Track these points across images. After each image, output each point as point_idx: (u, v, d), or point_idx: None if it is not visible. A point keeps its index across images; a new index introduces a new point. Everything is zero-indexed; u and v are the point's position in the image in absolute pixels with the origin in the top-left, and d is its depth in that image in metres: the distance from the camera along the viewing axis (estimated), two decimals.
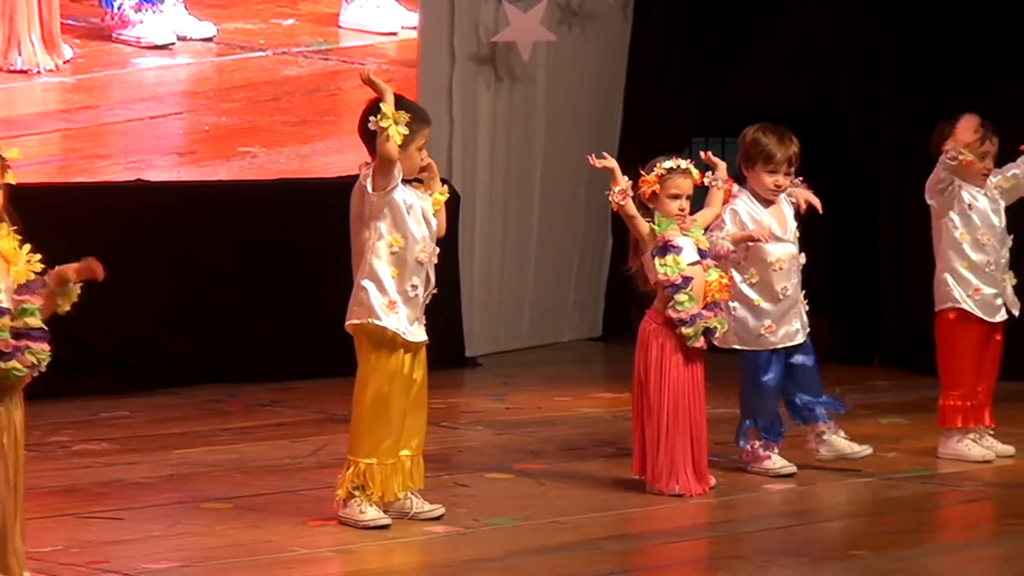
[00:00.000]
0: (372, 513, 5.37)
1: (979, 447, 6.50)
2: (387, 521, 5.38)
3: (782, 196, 6.24)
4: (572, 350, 9.93)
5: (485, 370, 9.16)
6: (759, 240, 6.04)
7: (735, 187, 6.18)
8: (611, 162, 5.87)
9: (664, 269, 5.84)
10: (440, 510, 5.54)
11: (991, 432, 6.56)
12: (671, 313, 5.85)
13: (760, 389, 6.23)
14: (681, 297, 5.83)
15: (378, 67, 8.86)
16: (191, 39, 8.51)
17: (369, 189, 5.31)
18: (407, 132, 5.26)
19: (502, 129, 9.65)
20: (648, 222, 5.90)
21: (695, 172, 5.91)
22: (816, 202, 6.26)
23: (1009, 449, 6.57)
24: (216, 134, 8.61)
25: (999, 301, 6.52)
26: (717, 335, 5.90)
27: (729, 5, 9.90)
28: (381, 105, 5.25)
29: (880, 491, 5.99)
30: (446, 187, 5.57)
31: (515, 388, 8.52)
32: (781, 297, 6.19)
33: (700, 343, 5.87)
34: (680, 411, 5.85)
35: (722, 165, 6.03)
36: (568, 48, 9.79)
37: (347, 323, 5.44)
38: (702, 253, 5.92)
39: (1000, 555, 5.14)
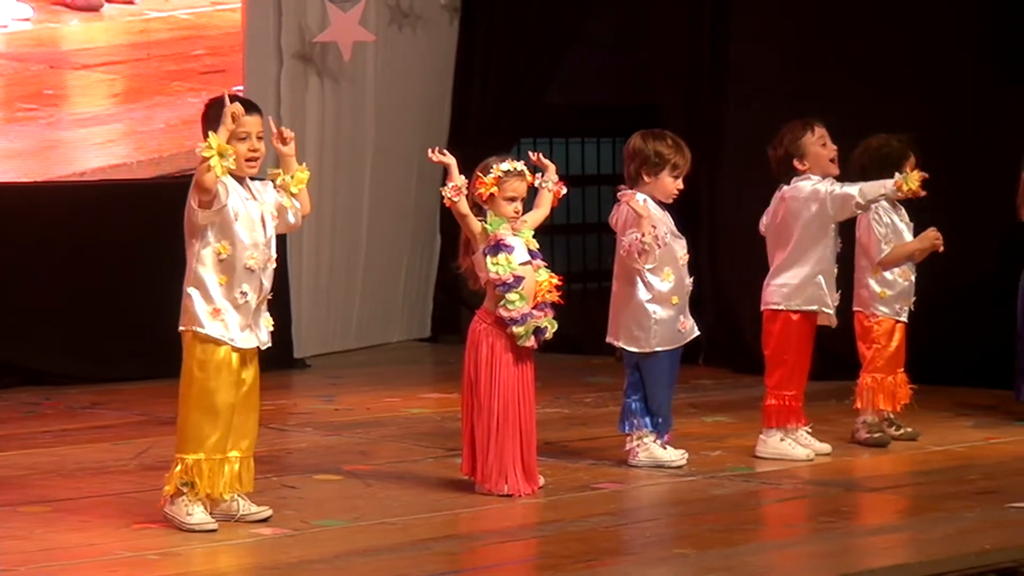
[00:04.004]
0: (199, 516, 5.30)
1: (801, 446, 6.63)
2: (213, 526, 5.31)
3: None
4: (401, 351, 9.93)
5: (314, 371, 9.11)
6: (646, 218, 6.13)
7: (631, 191, 6.25)
8: (449, 158, 5.88)
9: (496, 268, 5.86)
10: (268, 512, 5.49)
11: (808, 430, 6.70)
12: (502, 312, 5.88)
13: (670, 386, 6.32)
14: (512, 296, 5.86)
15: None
16: None
17: (195, 206, 5.27)
18: (231, 165, 5.21)
19: (330, 129, 9.61)
20: (480, 221, 5.92)
21: (529, 174, 5.95)
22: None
23: (826, 447, 6.72)
24: None
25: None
26: (547, 335, 5.94)
27: (554, 6, 9.99)
28: (210, 134, 5.20)
29: (704, 489, 6.08)
30: (304, 165, 5.51)
31: (344, 389, 8.49)
32: (688, 290, 6.34)
33: (530, 342, 5.90)
34: (510, 411, 5.87)
35: (552, 167, 6.08)
36: (397, 48, 9.79)
37: (179, 328, 5.39)
38: (532, 253, 5.96)
39: (817, 552, 5.25)
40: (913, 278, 7.00)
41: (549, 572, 5.01)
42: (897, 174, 6.56)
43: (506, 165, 5.89)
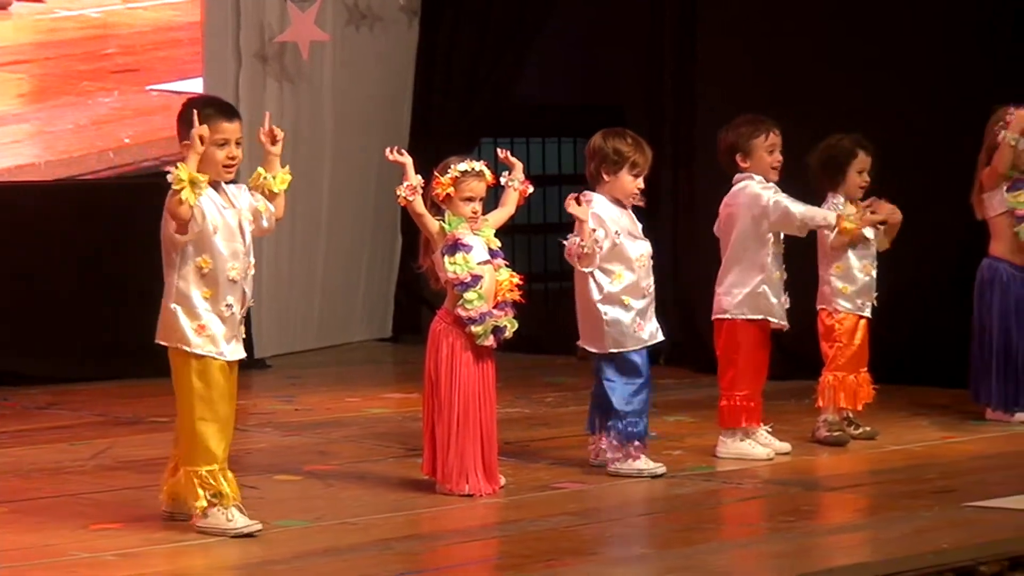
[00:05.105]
0: (241, 520, 5.24)
1: (761, 445, 6.65)
2: (259, 526, 5.25)
3: None
4: (362, 351, 9.91)
5: (274, 371, 9.08)
6: (585, 222, 6.07)
7: (589, 193, 6.22)
8: (405, 158, 5.87)
9: (453, 267, 5.86)
10: None
11: (768, 429, 6.72)
12: (460, 311, 5.87)
13: (639, 387, 6.20)
14: (470, 295, 5.86)
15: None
16: None
17: (171, 231, 5.22)
18: (203, 190, 5.16)
19: (289, 128, 9.51)
20: (438, 220, 5.91)
21: (488, 174, 5.94)
22: None
23: (786, 446, 6.74)
24: None
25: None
26: (507, 334, 5.93)
27: (516, 6, 9.99)
28: (179, 164, 5.15)
29: (664, 489, 6.09)
30: (287, 169, 5.47)
31: (304, 389, 8.46)
32: (645, 294, 6.23)
33: (489, 342, 5.89)
34: (470, 411, 5.86)
35: (519, 165, 6.07)
36: (355, 48, 9.78)
37: (157, 339, 5.32)
38: (493, 252, 5.95)
39: (777, 551, 5.26)
40: (874, 273, 7.03)
41: (510, 572, 5.01)
42: (841, 208, 6.51)
43: (464, 165, 5.88)
